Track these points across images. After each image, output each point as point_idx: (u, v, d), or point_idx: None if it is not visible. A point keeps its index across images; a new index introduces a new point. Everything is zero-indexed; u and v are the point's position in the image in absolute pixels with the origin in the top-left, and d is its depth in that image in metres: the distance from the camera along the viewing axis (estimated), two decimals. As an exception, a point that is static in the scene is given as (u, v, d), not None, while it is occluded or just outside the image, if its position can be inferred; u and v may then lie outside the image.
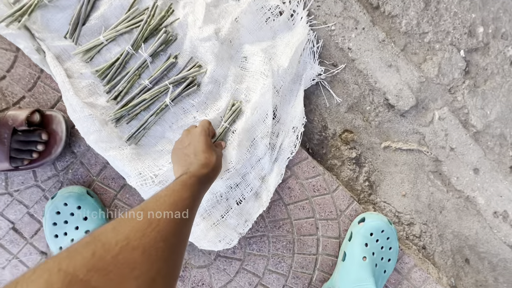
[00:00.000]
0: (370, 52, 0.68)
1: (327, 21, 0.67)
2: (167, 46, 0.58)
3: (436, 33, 0.69)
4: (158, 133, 0.59)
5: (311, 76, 0.67)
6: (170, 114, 0.59)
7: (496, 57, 0.71)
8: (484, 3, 0.69)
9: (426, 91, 0.70)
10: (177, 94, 0.56)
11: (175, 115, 0.59)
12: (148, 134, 0.59)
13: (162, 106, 0.57)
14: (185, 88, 0.57)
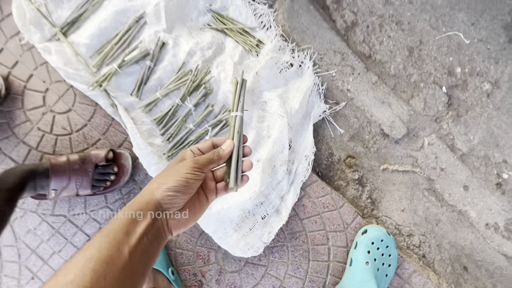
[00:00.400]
0: (366, 92, 0.83)
1: (329, 69, 0.84)
2: (206, 98, 0.77)
3: (420, 74, 0.84)
4: (199, 164, 0.76)
5: (318, 112, 0.83)
6: (208, 149, 0.76)
7: (474, 91, 0.84)
8: (459, 48, 0.84)
9: (415, 121, 0.84)
10: (214, 134, 0.74)
11: (212, 149, 0.76)
12: (191, 164, 0.76)
13: (203, 143, 0.74)
14: (220, 129, 0.74)
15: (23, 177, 0.62)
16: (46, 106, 0.79)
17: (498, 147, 0.84)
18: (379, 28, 0.84)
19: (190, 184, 0.37)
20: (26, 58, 0.79)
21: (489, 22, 0.84)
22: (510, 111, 0.84)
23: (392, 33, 0.84)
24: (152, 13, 0.77)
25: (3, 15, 0.79)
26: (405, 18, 0.84)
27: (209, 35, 0.81)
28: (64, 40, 0.75)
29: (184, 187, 0.36)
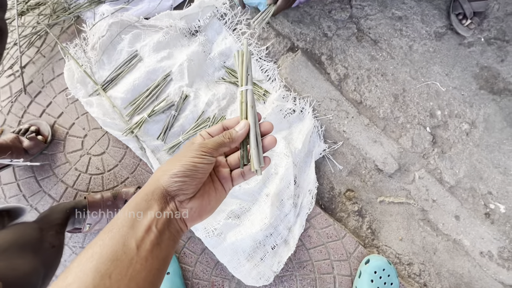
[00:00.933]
0: (359, 133, 0.96)
1: (326, 114, 0.97)
2: (221, 140, 0.89)
3: (406, 117, 0.97)
4: (215, 199, 0.86)
5: (319, 151, 0.94)
6: (223, 185, 0.87)
7: (455, 130, 0.96)
8: (437, 94, 0.98)
9: (405, 158, 0.95)
10: (228, 172, 0.85)
11: (227, 186, 0.87)
12: (208, 199, 0.86)
13: (219, 180, 0.85)
14: (234, 167, 0.86)
15: (67, 213, 0.72)
16: (84, 149, 0.91)
17: (482, 179, 0.93)
18: (367, 79, 0.99)
19: (199, 169, 0.33)
20: (70, 109, 0.93)
21: (460, 73, 0.99)
22: (488, 147, 0.95)
23: (379, 83, 0.99)
24: (177, 71, 0.93)
25: (54, 75, 0.95)
26: (389, 71, 1.00)
27: (223, 87, 0.96)
28: (104, 95, 0.91)
29: (192, 171, 0.32)
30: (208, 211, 0.36)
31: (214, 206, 0.37)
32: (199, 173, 0.33)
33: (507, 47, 0.99)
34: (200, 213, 0.35)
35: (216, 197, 0.37)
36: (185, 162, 0.33)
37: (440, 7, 1.03)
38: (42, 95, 0.95)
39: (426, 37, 1.01)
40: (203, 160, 0.33)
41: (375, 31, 1.02)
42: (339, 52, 1.01)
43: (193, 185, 0.33)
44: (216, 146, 0.35)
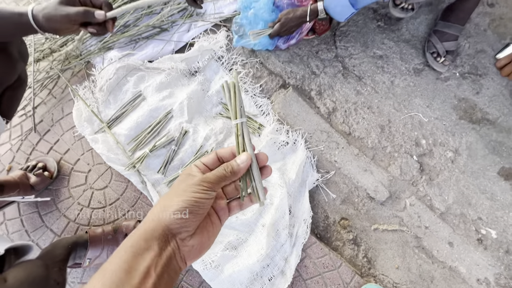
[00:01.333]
0: (350, 162, 1.01)
1: (318, 145, 1.03)
2: (219, 173, 0.94)
3: (393, 146, 1.03)
4: (213, 230, 0.89)
5: (312, 181, 0.99)
6: (220, 216, 0.89)
7: (440, 158, 1.01)
8: (421, 125, 1.05)
9: (395, 186, 0.99)
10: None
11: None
12: (206, 231, 0.88)
13: (216, 211, 0.88)
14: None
15: (68, 249, 0.74)
16: (87, 184, 0.96)
17: (471, 205, 0.97)
18: (355, 112, 1.07)
19: (201, 205, 0.32)
20: (76, 146, 0.99)
21: (440, 105, 1.07)
22: (473, 174, 0.99)
23: (366, 115, 1.06)
24: (177, 109, 1.00)
25: (63, 114, 1.03)
26: (374, 104, 1.08)
27: (220, 122, 1.03)
28: (108, 132, 0.97)
29: (194, 207, 0.31)
30: (207, 246, 0.35)
31: (212, 240, 0.36)
32: (201, 209, 0.32)
33: (480, 80, 1.08)
34: (200, 250, 0.33)
35: (214, 231, 0.36)
36: (187, 197, 0.31)
37: (416, 47, 1.13)
38: (50, 133, 1.01)
39: (406, 73, 1.11)
40: (206, 196, 0.32)
41: (359, 69, 1.11)
42: (327, 88, 1.10)
43: (195, 222, 0.32)
44: (218, 180, 0.34)
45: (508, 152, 1.01)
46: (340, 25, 1.17)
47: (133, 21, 1.14)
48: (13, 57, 0.64)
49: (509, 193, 0.97)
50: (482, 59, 1.10)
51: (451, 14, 1.06)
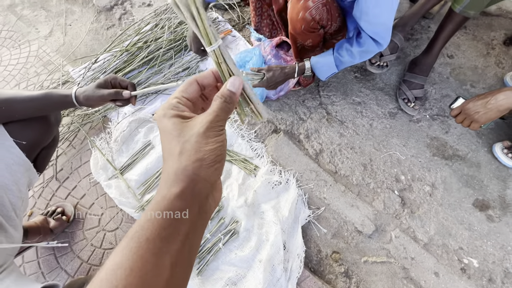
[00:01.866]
0: (338, 198, 1.11)
1: (308, 183, 1.14)
2: (219, 212, 1.04)
3: (376, 182, 1.14)
4: (214, 267, 0.96)
5: (304, 217, 1.08)
6: (221, 253, 0.98)
7: (419, 192, 1.12)
8: (399, 162, 1.17)
9: (380, 219, 1.08)
10: (225, 240, 0.97)
11: (224, 254, 0.98)
12: (207, 267, 0.96)
13: (217, 249, 0.96)
14: (230, 236, 0.98)
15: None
16: (100, 226, 1.06)
17: (451, 236, 1.05)
18: (339, 152, 1.20)
19: (225, 146, 0.29)
20: (91, 191, 1.11)
21: (415, 143, 1.20)
22: (451, 206, 1.09)
23: (349, 155, 1.19)
24: (182, 155, 1.14)
25: (81, 163, 1.16)
26: (356, 145, 1.21)
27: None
28: (121, 178, 1.09)
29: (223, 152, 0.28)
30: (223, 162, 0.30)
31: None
32: (226, 149, 0.29)
33: (448, 121, 1.22)
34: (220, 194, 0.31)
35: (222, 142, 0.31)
36: (216, 144, 0.27)
37: (390, 93, 1.30)
38: (69, 180, 1.14)
39: (382, 117, 1.26)
40: (224, 134, 0.29)
41: (341, 114, 1.27)
42: (314, 132, 1.24)
43: (223, 166, 0.29)
44: (225, 114, 0.29)
45: (479, 185, 1.12)
46: (323, 77, 1.35)
47: (144, 79, 1.33)
48: (51, 123, 0.79)
49: (485, 223, 1.06)
50: (448, 103, 1.26)
51: (416, 67, 1.24)
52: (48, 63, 1.51)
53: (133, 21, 1.55)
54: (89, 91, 0.71)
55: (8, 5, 1.78)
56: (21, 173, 0.70)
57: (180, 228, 0.25)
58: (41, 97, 0.68)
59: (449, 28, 1.09)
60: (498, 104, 0.75)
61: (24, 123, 0.73)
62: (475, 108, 0.80)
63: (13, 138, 0.69)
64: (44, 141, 0.79)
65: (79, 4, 1.72)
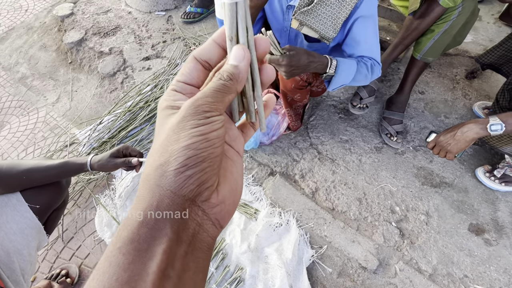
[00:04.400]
0: (339, 235, 1.14)
1: (308, 222, 1.18)
2: (223, 260, 1.05)
3: (373, 216, 1.18)
4: (222, 320, 0.94)
5: (308, 257, 1.09)
6: (228, 304, 0.97)
7: (415, 222, 1.16)
8: (392, 194, 1.23)
9: (382, 253, 1.09)
10: (232, 290, 0.97)
11: (231, 304, 0.97)
12: (216, 321, 0.94)
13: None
14: (236, 285, 0.98)
15: None
16: (104, 286, 1.04)
17: (454, 263, 1.06)
18: (334, 189, 1.26)
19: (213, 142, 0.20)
20: (96, 250, 1.12)
21: (404, 175, 1.27)
22: (448, 233, 1.12)
23: (344, 191, 1.25)
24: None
25: (86, 221, 1.19)
26: (349, 180, 1.28)
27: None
28: (125, 233, 1.12)
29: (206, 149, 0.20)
30: (239, 192, 0.24)
31: (241, 182, 0.25)
32: (215, 148, 0.20)
33: (430, 151, 1.32)
34: (234, 200, 0.23)
35: (238, 170, 0.25)
36: (190, 139, 0.19)
37: (373, 130, 1.42)
38: (73, 240, 1.15)
39: (369, 152, 1.35)
40: (215, 125, 0.21)
41: (331, 152, 1.36)
42: (308, 171, 1.32)
43: (215, 169, 0.21)
44: (220, 96, 0.22)
45: (471, 209, 1.17)
46: (310, 120, 1.47)
47: (146, 135, 1.44)
48: (63, 186, 0.86)
49: (484, 248, 1.08)
50: (427, 134, 1.36)
51: (392, 105, 1.38)
52: (55, 127, 1.62)
53: (134, 84, 1.71)
54: (104, 160, 0.79)
55: (19, 77, 1.96)
56: (33, 236, 0.74)
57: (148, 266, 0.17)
58: (58, 167, 0.76)
59: (414, 71, 1.25)
60: (464, 135, 0.85)
61: (39, 188, 0.79)
62: (446, 140, 0.90)
63: (27, 203, 0.75)
64: (56, 204, 0.84)
65: (85, 72, 1.90)
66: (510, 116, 0.82)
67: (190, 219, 0.20)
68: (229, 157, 0.25)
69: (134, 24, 2.07)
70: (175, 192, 0.19)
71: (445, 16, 1.08)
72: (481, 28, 1.78)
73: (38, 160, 0.77)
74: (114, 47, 1.92)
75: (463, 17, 1.07)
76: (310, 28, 0.98)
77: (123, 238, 0.18)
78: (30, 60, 2.03)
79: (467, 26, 1.14)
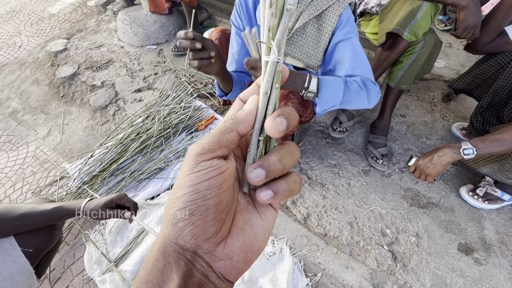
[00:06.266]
0: (332, 262, 1.14)
1: (301, 249, 1.18)
2: None
3: (365, 239, 1.19)
4: None
5: (303, 286, 1.08)
6: None
7: (406, 244, 1.17)
8: (381, 216, 1.25)
9: (376, 278, 1.09)
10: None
11: None
12: None
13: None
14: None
15: None
16: (92, 329, 1.00)
17: (447, 285, 1.07)
18: (325, 214, 1.28)
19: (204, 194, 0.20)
20: (84, 290, 1.08)
21: (392, 197, 1.31)
22: (439, 254, 1.14)
23: (335, 216, 1.27)
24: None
25: (74, 259, 1.16)
26: (339, 204, 1.30)
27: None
28: (116, 271, 1.09)
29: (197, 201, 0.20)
30: (256, 251, 0.22)
31: (264, 240, 0.23)
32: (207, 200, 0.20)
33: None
34: (246, 259, 0.22)
35: (264, 225, 0.23)
36: (182, 190, 0.20)
37: (360, 153, 1.47)
38: (61, 280, 1.11)
39: (357, 175, 1.39)
40: (208, 172, 0.20)
41: (320, 177, 1.39)
42: (299, 197, 1.33)
43: (210, 221, 0.20)
44: (216, 137, 0.21)
45: (458, 229, 1.19)
46: (299, 146, 1.52)
47: (138, 167, 1.44)
48: (57, 228, 0.85)
49: (475, 268, 1.10)
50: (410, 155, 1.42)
51: (376, 129, 1.44)
52: (44, 162, 1.61)
53: (126, 116, 1.75)
54: (96, 209, 0.79)
55: (10, 112, 1.97)
56: (22, 282, 0.72)
57: None
58: (52, 212, 0.76)
59: (391, 98, 1.33)
60: (440, 159, 0.90)
61: (33, 231, 0.78)
62: (424, 164, 0.94)
63: (20, 247, 0.73)
64: (50, 246, 0.83)
65: (77, 105, 1.93)
66: (480, 141, 0.88)
67: (195, 268, 0.20)
68: (257, 210, 0.23)
69: (126, 57, 2.14)
70: (174, 241, 0.20)
71: (410, 49, 1.18)
72: (452, 54, 1.92)
73: (32, 205, 0.77)
74: (106, 80, 1.97)
75: (427, 50, 1.16)
76: (294, 58, 1.05)
77: (140, 278, 0.20)
78: (21, 94, 2.05)
79: (432, 57, 1.24)
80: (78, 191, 1.36)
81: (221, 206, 0.21)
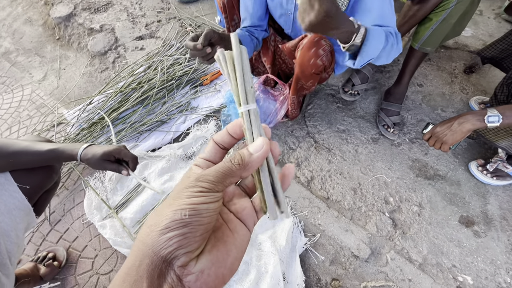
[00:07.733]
0: (332, 224, 1.14)
1: (302, 210, 1.17)
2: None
3: (367, 206, 1.19)
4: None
5: (301, 245, 1.09)
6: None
7: (408, 212, 1.17)
8: (386, 185, 1.23)
9: (375, 242, 1.10)
10: (224, 275, 0.96)
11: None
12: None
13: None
14: (229, 271, 0.97)
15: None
16: (93, 270, 1.02)
17: (444, 254, 1.08)
18: (330, 179, 1.25)
19: (200, 213, 0.22)
20: (84, 233, 1.09)
21: (398, 166, 1.28)
22: (439, 224, 1.14)
23: (339, 181, 1.25)
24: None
25: (74, 204, 1.15)
26: (345, 170, 1.27)
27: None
28: (116, 217, 1.09)
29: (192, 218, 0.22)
30: (229, 267, 0.24)
31: (237, 256, 0.24)
32: (202, 218, 0.22)
33: (426, 143, 1.32)
34: (217, 274, 0.23)
35: (237, 243, 0.25)
36: (179, 206, 0.22)
37: (371, 121, 1.41)
38: (61, 223, 1.11)
39: (366, 142, 1.34)
40: (205, 199, 0.22)
41: (327, 142, 1.35)
42: (304, 160, 1.30)
43: (197, 237, 0.22)
44: (220, 177, 0.24)
45: (462, 202, 1.18)
46: (308, 108, 1.45)
47: (138, 118, 1.38)
48: (55, 168, 0.81)
49: (473, 239, 1.10)
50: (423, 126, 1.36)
51: (390, 96, 1.36)
52: (41, 106, 1.54)
53: (127, 64, 1.64)
54: (94, 160, 0.74)
55: (3, 52, 1.85)
56: (21, 217, 0.70)
57: None
58: (47, 153, 0.71)
59: (412, 62, 1.23)
60: (461, 126, 0.84)
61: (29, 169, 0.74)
62: (442, 131, 0.89)
63: (17, 183, 0.70)
64: (47, 185, 0.80)
65: (74, 50, 1.81)
66: (508, 109, 0.82)
67: (166, 282, 0.21)
68: (230, 228, 0.26)
69: (127, 1, 1.96)
70: (155, 252, 0.21)
71: (443, 4, 1.05)
72: (481, 22, 1.77)
73: (28, 142, 0.72)
74: (105, 24, 1.82)
75: (462, 6, 1.04)
76: None
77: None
78: (14, 34, 1.91)
79: (466, 16, 1.12)
80: (76, 138, 1.31)
81: (210, 226, 0.23)
